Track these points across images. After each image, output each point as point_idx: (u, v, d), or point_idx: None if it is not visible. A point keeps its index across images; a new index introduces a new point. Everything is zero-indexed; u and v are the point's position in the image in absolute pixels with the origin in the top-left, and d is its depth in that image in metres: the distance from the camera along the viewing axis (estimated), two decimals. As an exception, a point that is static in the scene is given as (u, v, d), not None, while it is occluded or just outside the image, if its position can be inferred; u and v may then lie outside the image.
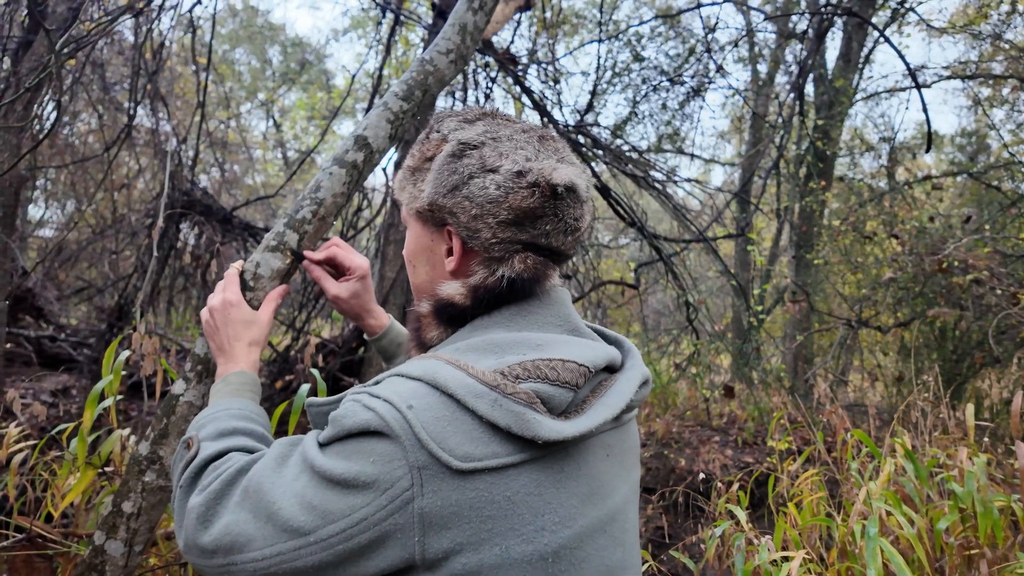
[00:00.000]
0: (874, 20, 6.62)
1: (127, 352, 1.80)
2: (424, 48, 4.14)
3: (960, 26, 6.45)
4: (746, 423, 5.19)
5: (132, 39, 4.81)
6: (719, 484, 3.08)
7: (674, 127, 6.29)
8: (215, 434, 0.83)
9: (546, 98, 4.84)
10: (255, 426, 0.87)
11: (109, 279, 6.23)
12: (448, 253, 0.82)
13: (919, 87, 3.77)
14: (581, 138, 4.66)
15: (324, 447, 0.69)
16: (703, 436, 4.95)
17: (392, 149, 1.52)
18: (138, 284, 4.70)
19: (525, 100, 4.85)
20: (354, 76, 5.32)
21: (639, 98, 5.86)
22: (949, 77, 6.62)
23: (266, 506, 0.67)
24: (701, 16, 5.31)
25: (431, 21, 4.34)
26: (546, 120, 4.45)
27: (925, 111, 3.58)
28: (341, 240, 1.13)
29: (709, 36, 5.48)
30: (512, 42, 4.98)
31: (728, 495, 2.74)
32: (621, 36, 5.93)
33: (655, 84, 5.79)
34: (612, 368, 0.80)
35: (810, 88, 7.22)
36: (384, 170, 4.76)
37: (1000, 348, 4.17)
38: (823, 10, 4.96)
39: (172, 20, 4.52)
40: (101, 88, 5.33)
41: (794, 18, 6.72)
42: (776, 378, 5.62)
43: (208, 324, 1.03)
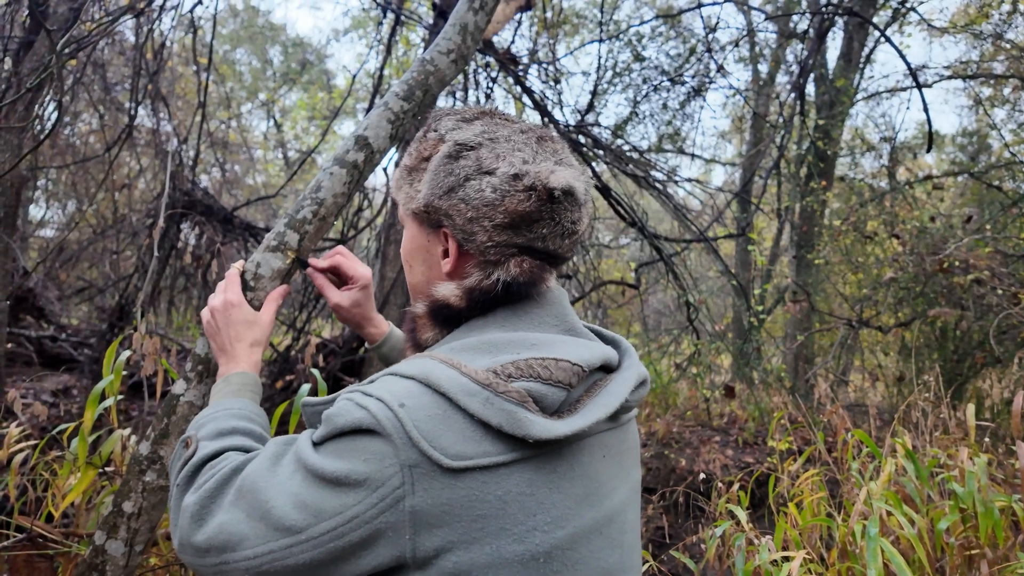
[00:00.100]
0: (875, 20, 6.61)
1: (128, 352, 1.80)
2: (425, 48, 4.14)
3: (961, 26, 6.45)
4: (747, 423, 5.19)
5: (133, 39, 4.82)
6: (719, 484, 3.08)
7: (675, 127, 6.28)
8: (213, 434, 0.83)
9: (547, 98, 4.84)
10: (254, 426, 0.87)
11: (110, 279, 6.23)
12: (444, 255, 0.81)
13: (920, 87, 3.77)
14: (582, 138, 4.66)
15: (317, 446, 0.68)
16: (703, 436, 4.95)
17: (393, 149, 1.52)
18: (139, 284, 4.70)
19: (526, 100, 4.85)
20: (355, 76, 5.32)
21: (640, 98, 5.86)
22: (950, 77, 6.61)
23: (259, 505, 0.67)
24: (702, 16, 5.31)
25: (432, 21, 4.34)
26: (547, 120, 4.45)
27: (926, 111, 3.58)
28: (345, 249, 1.13)
29: (710, 36, 5.48)
30: (513, 42, 4.98)
31: (728, 495, 2.74)
32: (622, 36, 5.92)
33: (656, 84, 5.78)
34: (609, 368, 0.79)
35: (811, 88, 7.21)
36: (385, 170, 4.76)
37: (1001, 348, 4.16)
38: (824, 10, 4.96)
39: (173, 20, 4.53)
40: (102, 88, 5.34)
41: (795, 18, 6.71)
42: (777, 378, 5.61)
43: (209, 325, 1.03)
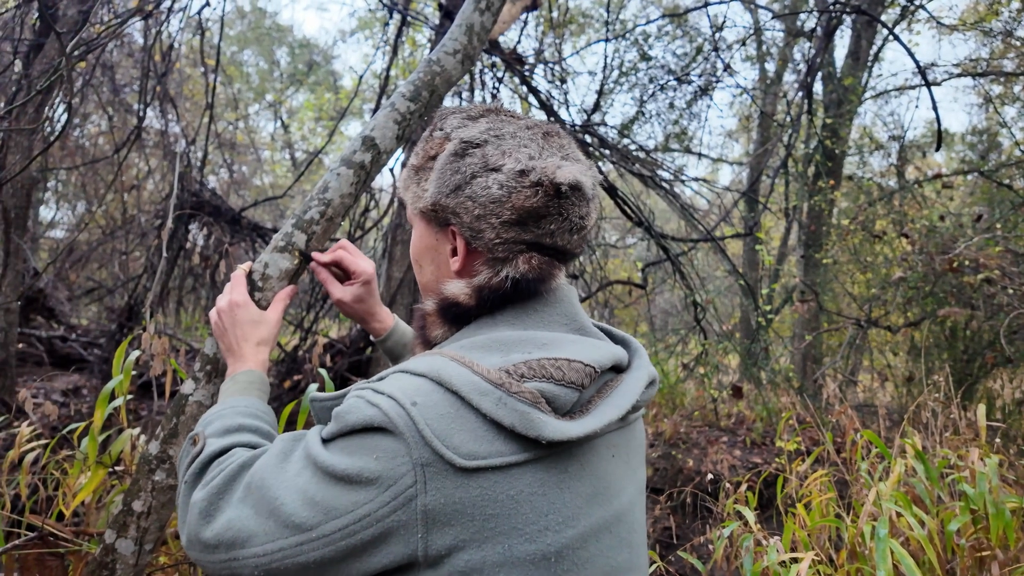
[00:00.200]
0: (883, 17, 6.56)
1: (137, 352, 1.81)
2: (431, 49, 4.14)
3: (971, 23, 6.39)
4: (754, 423, 5.17)
5: (141, 41, 4.85)
6: (727, 485, 3.06)
7: (681, 126, 6.26)
8: (221, 431, 0.83)
9: (553, 98, 4.84)
10: (261, 423, 0.87)
11: (119, 280, 6.28)
12: (452, 253, 0.81)
13: (929, 85, 3.73)
14: (588, 138, 4.65)
15: (327, 443, 0.68)
16: (711, 436, 4.93)
17: (399, 150, 1.52)
18: (148, 284, 4.73)
19: (532, 100, 4.85)
20: (361, 77, 5.34)
21: (646, 97, 5.84)
22: (959, 75, 6.55)
23: (268, 501, 0.67)
24: (708, 15, 5.31)
25: (438, 22, 4.35)
26: (552, 120, 4.45)
27: (935, 109, 3.54)
28: (349, 243, 1.12)
29: (716, 35, 5.46)
30: (519, 42, 4.98)
31: (736, 496, 2.73)
32: (628, 35, 5.91)
33: (662, 83, 5.77)
34: (619, 368, 0.79)
35: (819, 86, 7.18)
36: (391, 171, 4.77)
37: (1012, 348, 4.12)
38: (831, 8, 4.92)
39: (181, 22, 4.57)
40: (111, 90, 5.38)
41: (802, 16, 6.67)
42: (785, 378, 5.58)
43: (217, 325, 1.03)
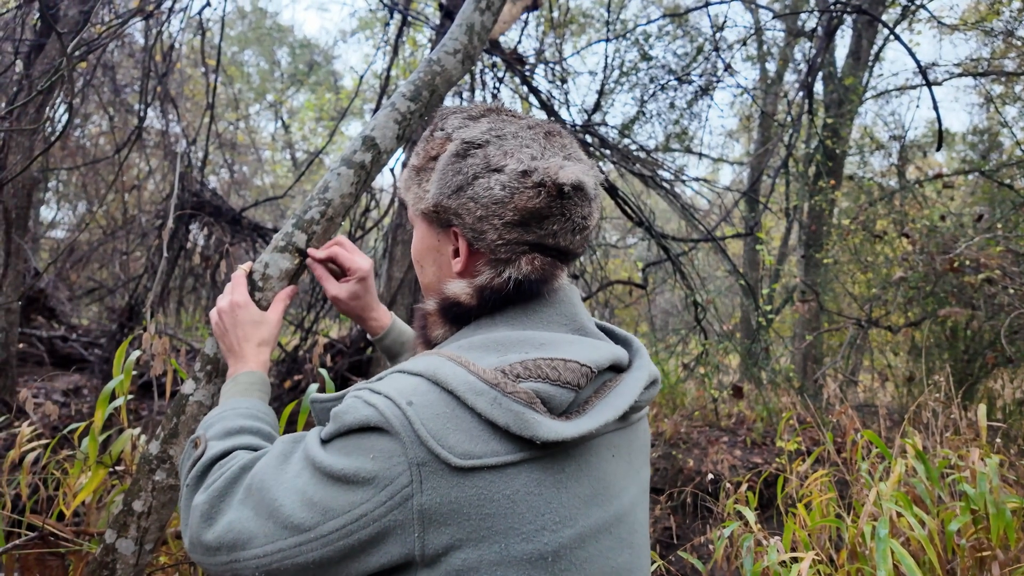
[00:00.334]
0: (884, 17, 6.55)
1: (138, 352, 1.81)
2: (431, 49, 4.14)
3: (972, 23, 6.39)
4: (755, 423, 5.17)
5: (142, 42, 4.85)
6: (728, 485, 3.06)
7: (682, 126, 6.25)
8: (222, 433, 0.83)
9: (553, 98, 4.83)
10: (262, 425, 0.87)
11: (120, 280, 6.28)
12: (455, 254, 0.81)
13: (930, 85, 3.73)
14: (589, 137, 4.65)
15: (326, 443, 0.68)
16: (711, 436, 4.93)
17: (400, 150, 1.52)
18: (148, 285, 4.74)
19: (532, 100, 4.85)
20: (362, 77, 5.34)
21: (647, 97, 5.84)
22: (960, 74, 6.55)
23: (268, 503, 0.67)
24: (709, 15, 5.30)
25: (438, 22, 4.35)
26: (553, 120, 4.44)
27: (936, 109, 3.53)
28: (346, 239, 1.12)
29: (717, 35, 5.46)
30: (519, 42, 4.98)
31: (737, 496, 2.73)
32: (629, 35, 5.91)
33: (663, 83, 5.76)
34: (619, 368, 0.79)
35: (819, 86, 7.17)
36: (392, 171, 4.77)
37: (1013, 348, 4.12)
38: (832, 7, 4.92)
39: (182, 23, 4.57)
40: (112, 90, 5.38)
41: (803, 16, 6.67)
42: (785, 378, 5.58)
43: (217, 326, 1.03)
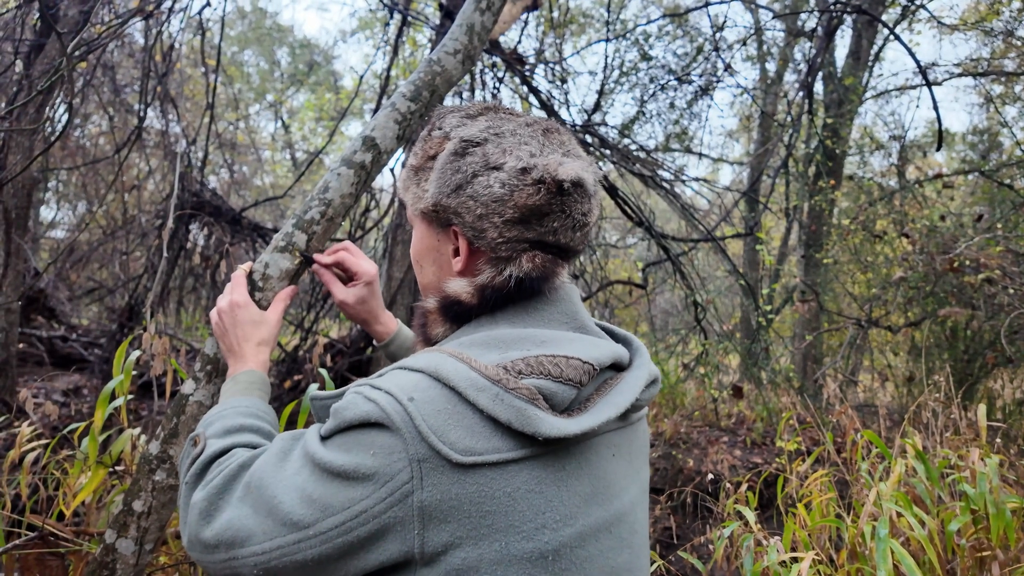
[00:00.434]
0: (884, 17, 6.55)
1: (137, 352, 1.81)
2: (432, 49, 4.14)
3: (971, 23, 6.38)
4: (755, 423, 5.17)
5: (142, 42, 4.85)
6: (728, 485, 3.06)
7: (682, 126, 6.25)
8: (221, 431, 0.83)
9: (553, 98, 4.83)
10: (262, 423, 0.87)
11: (120, 280, 6.28)
12: (455, 253, 0.81)
13: (930, 85, 3.72)
14: (588, 137, 4.65)
15: (325, 440, 0.68)
16: (711, 436, 4.93)
17: (400, 150, 1.52)
18: (148, 285, 4.73)
19: (532, 100, 4.85)
20: (362, 77, 5.34)
21: (647, 97, 5.84)
22: (960, 74, 6.55)
23: (267, 500, 0.67)
24: (709, 15, 5.30)
25: (438, 22, 4.35)
26: (553, 119, 4.44)
27: (936, 109, 3.53)
28: (351, 244, 1.12)
29: (717, 35, 5.46)
30: (519, 42, 4.98)
31: (737, 496, 2.73)
32: (628, 35, 5.91)
33: (663, 83, 5.76)
34: (619, 366, 0.79)
35: (819, 86, 7.17)
36: (392, 171, 4.77)
37: (1013, 348, 4.12)
38: (832, 7, 4.92)
39: (182, 23, 4.56)
40: (112, 90, 5.38)
41: (803, 16, 6.67)
42: (785, 378, 5.58)
43: (217, 326, 1.03)
